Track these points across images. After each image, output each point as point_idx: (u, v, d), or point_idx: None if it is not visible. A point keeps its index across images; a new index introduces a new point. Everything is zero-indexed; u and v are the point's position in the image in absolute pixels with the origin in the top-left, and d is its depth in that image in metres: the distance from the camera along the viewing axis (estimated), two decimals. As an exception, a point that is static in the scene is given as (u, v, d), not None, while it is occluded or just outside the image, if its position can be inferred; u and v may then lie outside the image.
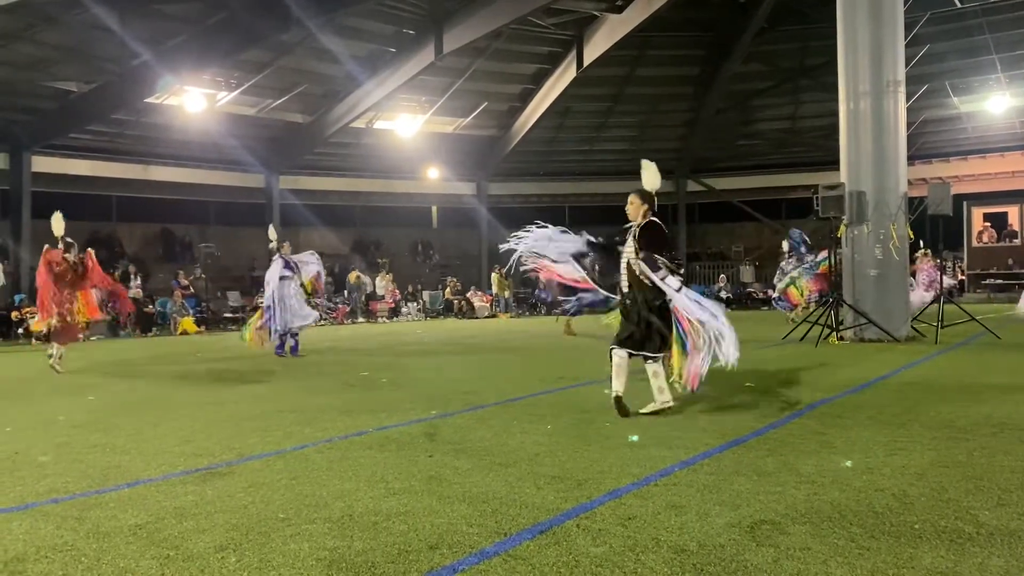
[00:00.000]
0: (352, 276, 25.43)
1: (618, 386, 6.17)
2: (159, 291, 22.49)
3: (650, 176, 6.47)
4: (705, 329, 5.92)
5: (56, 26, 17.94)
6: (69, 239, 11.40)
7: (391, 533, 3.40)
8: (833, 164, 13.70)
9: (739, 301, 28.02)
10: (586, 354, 11.83)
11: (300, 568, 3.03)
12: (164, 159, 25.39)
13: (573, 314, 14.16)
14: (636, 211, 6.31)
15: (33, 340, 17.29)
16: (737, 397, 6.87)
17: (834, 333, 12.00)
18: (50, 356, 10.56)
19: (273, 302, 11.91)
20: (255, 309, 22.57)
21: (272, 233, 12.96)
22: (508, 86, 27.18)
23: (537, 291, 26.86)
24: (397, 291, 26.27)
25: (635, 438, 5.19)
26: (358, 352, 12.32)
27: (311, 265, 12.56)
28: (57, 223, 11.34)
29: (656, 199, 6.41)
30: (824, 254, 14.56)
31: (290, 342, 12.05)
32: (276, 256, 12.34)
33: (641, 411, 6.10)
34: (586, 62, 24.18)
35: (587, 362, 10.55)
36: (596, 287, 6.97)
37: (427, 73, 23.73)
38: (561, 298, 25.71)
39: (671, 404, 6.13)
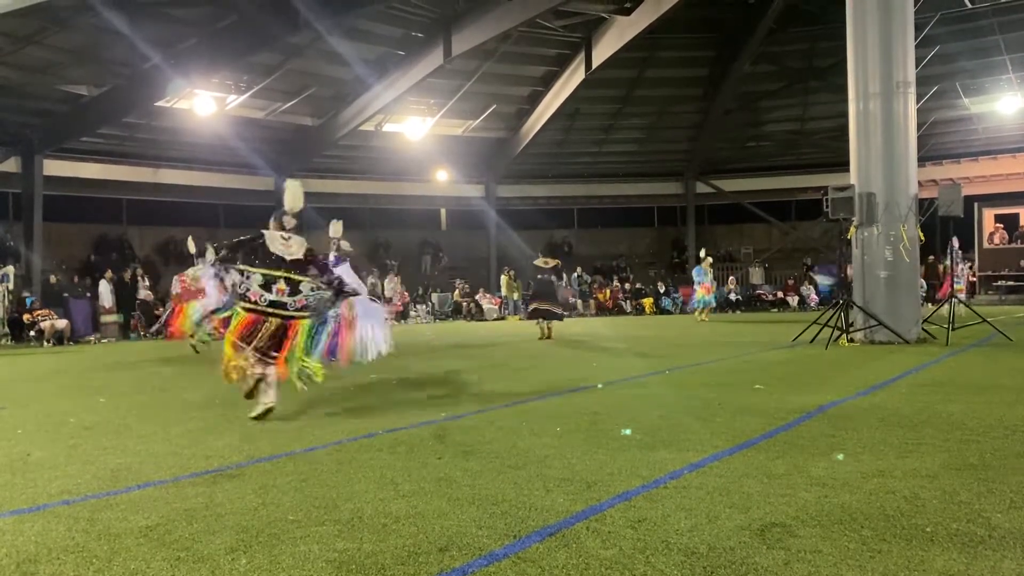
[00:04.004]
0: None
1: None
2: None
3: (291, 194, 6.84)
4: None
5: (67, 30, 18.06)
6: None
7: (400, 535, 3.40)
8: (843, 165, 13.66)
9: (748, 303, 27.97)
10: (595, 357, 11.82)
11: (310, 570, 3.04)
12: (174, 162, 25.55)
13: None
14: None
15: (44, 343, 17.40)
16: (746, 399, 6.85)
17: (844, 335, 11.96)
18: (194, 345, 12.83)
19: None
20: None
21: (336, 229, 11.92)
22: (517, 88, 27.21)
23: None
24: (406, 293, 26.29)
25: (627, 431, 5.22)
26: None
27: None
28: (191, 244, 13.68)
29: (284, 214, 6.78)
30: None
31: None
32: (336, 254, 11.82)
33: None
34: (595, 64, 24.18)
35: (596, 365, 10.55)
36: None
37: (436, 76, 23.78)
38: (571, 300, 25.82)
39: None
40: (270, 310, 6.56)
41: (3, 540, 3.48)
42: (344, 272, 11.71)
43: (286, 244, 6.72)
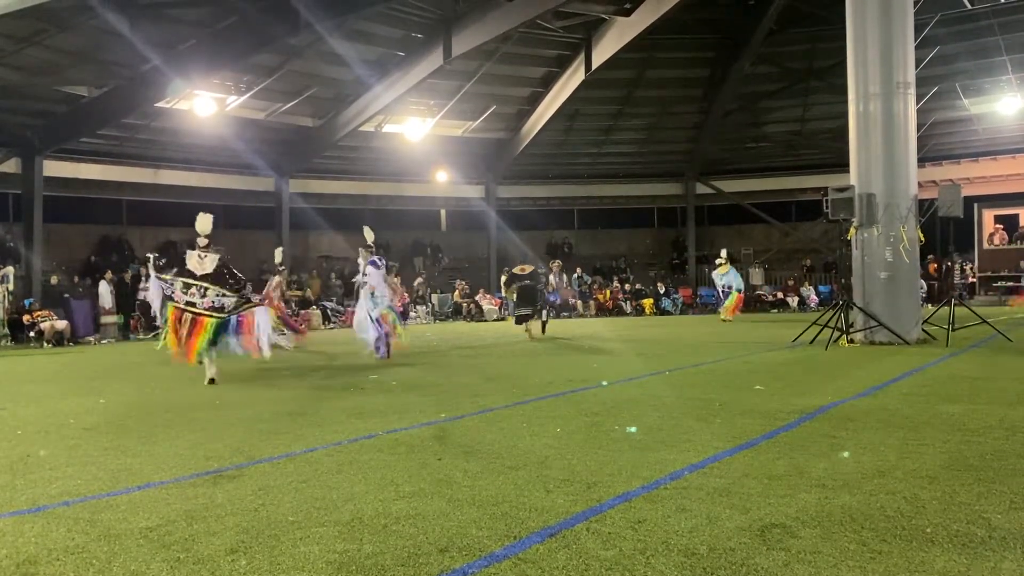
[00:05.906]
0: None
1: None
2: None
3: (201, 222, 9.55)
4: None
5: (67, 31, 18.04)
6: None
7: (401, 536, 3.40)
8: (843, 166, 13.66)
9: (748, 303, 27.94)
10: (595, 358, 11.82)
11: (310, 571, 3.04)
12: (174, 163, 25.55)
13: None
14: None
15: (44, 343, 17.39)
16: (747, 400, 6.86)
17: (844, 336, 11.96)
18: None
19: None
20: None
21: (369, 235, 12.34)
22: (517, 89, 27.20)
23: (547, 294, 26.81)
24: (406, 294, 26.25)
25: (633, 429, 5.24)
26: (367, 355, 12.32)
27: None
28: (279, 254, 15.54)
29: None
30: None
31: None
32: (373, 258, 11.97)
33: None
34: (595, 65, 24.17)
35: (596, 366, 10.55)
36: None
37: (436, 76, 23.78)
38: (572, 301, 25.81)
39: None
40: (186, 307, 9.13)
41: (3, 541, 3.48)
42: (378, 277, 11.97)
43: (200, 262, 9.33)
